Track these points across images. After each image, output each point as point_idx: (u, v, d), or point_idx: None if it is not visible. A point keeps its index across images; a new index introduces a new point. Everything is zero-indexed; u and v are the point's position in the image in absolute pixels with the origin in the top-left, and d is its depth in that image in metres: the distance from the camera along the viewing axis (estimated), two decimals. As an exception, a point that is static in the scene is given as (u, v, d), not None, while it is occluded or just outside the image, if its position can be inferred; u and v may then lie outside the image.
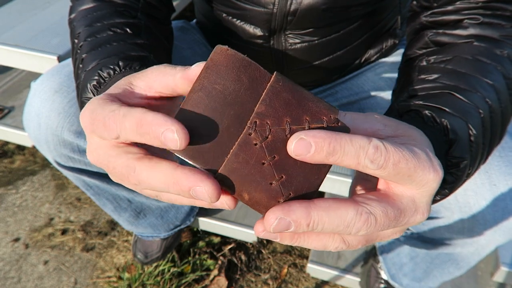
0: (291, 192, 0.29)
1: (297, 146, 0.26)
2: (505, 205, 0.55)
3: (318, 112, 0.28)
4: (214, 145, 0.28)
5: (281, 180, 0.28)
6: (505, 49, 0.45)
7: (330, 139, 0.26)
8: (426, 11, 0.52)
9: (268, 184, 0.28)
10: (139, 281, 1.14)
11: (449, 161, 0.39)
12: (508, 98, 0.44)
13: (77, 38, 0.52)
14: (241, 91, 0.28)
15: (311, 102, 0.28)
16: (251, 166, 0.28)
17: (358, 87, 0.76)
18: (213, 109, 0.28)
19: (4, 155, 1.51)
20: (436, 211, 0.60)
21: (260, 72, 0.29)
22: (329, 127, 0.28)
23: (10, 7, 1.19)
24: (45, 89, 0.67)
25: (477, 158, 0.41)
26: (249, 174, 0.28)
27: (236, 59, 0.29)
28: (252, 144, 0.28)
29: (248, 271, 1.19)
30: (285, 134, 0.28)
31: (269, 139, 0.28)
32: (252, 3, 0.63)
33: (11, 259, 1.20)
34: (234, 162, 0.28)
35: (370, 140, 0.27)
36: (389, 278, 0.95)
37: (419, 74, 0.47)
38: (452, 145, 0.38)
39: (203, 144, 0.28)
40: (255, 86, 0.29)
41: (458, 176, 0.39)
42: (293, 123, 0.28)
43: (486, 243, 0.61)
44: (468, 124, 0.39)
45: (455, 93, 0.42)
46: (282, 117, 0.28)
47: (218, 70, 0.28)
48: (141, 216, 0.98)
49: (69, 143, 0.68)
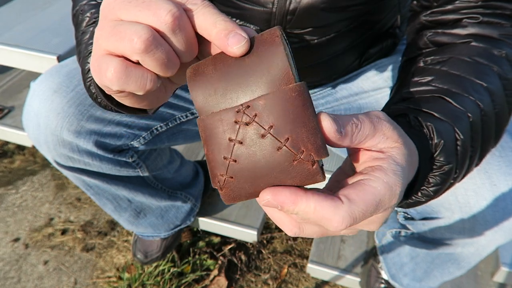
0: (233, 177, 0.30)
1: (265, 204, 0.30)
2: (505, 205, 0.55)
3: (302, 141, 0.29)
4: (214, 98, 0.31)
5: (233, 162, 0.30)
6: (503, 49, 0.45)
7: (294, 206, 0.29)
8: (426, 11, 0.52)
9: (222, 156, 0.30)
10: (139, 281, 1.14)
11: (434, 165, 0.39)
12: (505, 99, 0.44)
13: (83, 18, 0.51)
14: (262, 77, 0.30)
15: (305, 129, 0.29)
16: (221, 132, 0.30)
17: (358, 87, 0.76)
18: (234, 72, 0.30)
19: (4, 155, 1.51)
20: (436, 211, 0.60)
21: (287, 73, 0.29)
22: (301, 161, 0.29)
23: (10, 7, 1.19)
24: (44, 89, 0.67)
25: (465, 162, 0.42)
26: (216, 137, 0.30)
27: (277, 50, 0.30)
28: (233, 119, 0.30)
29: (248, 271, 1.19)
30: (261, 133, 0.29)
31: (247, 127, 0.30)
32: (252, 2, 0.62)
33: (11, 259, 1.20)
34: (212, 119, 0.30)
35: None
36: (389, 278, 0.95)
37: (414, 76, 0.47)
38: (437, 149, 0.39)
39: (208, 92, 0.31)
40: (275, 81, 0.29)
41: (443, 179, 0.40)
42: (274, 132, 0.29)
43: (487, 243, 0.61)
44: (455, 129, 0.40)
45: (446, 97, 0.42)
46: (270, 120, 0.29)
47: (259, 46, 0.30)
48: (141, 216, 0.98)
49: (68, 143, 0.68)
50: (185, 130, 0.85)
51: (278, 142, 0.29)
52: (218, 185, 0.31)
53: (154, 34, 0.30)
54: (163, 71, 0.32)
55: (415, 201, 0.42)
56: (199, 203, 1.12)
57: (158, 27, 0.30)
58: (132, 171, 0.82)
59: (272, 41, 0.30)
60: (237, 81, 0.30)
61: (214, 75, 0.31)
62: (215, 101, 0.31)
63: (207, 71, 0.31)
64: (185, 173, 1.06)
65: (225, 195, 0.31)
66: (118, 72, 0.30)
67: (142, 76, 0.31)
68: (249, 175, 0.30)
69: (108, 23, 0.31)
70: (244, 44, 0.30)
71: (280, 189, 0.29)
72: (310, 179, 0.29)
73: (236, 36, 0.30)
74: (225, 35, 0.30)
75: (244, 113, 0.29)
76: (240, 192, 0.31)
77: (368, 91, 0.75)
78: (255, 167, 0.30)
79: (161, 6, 0.29)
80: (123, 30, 0.30)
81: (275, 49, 0.30)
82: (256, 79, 0.30)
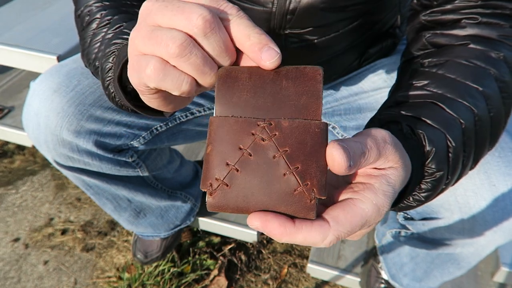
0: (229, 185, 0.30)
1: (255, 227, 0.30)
2: (504, 205, 0.55)
3: (310, 175, 0.29)
4: (236, 104, 0.31)
5: (235, 171, 0.30)
6: (501, 51, 0.45)
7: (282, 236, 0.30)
8: (426, 10, 0.52)
9: (225, 162, 0.30)
10: (139, 281, 1.14)
11: (426, 172, 0.40)
12: (501, 101, 0.44)
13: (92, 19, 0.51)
14: (292, 102, 0.31)
15: (315, 165, 0.30)
16: (233, 138, 0.30)
17: (358, 87, 0.76)
18: (265, 89, 0.31)
19: (4, 155, 1.51)
20: (436, 212, 0.60)
21: (317, 109, 0.31)
22: (302, 193, 0.29)
23: (10, 7, 1.19)
24: (44, 89, 0.67)
25: (457, 168, 0.42)
26: (226, 140, 0.30)
27: (315, 84, 0.31)
28: (251, 131, 0.30)
29: (248, 271, 1.19)
30: (274, 154, 0.30)
31: (262, 143, 0.30)
32: (251, 2, 0.62)
33: (11, 259, 1.20)
34: (229, 123, 0.31)
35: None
36: (389, 278, 0.95)
37: (410, 79, 0.47)
38: (429, 157, 0.40)
39: (233, 96, 0.31)
40: (303, 111, 0.31)
41: (434, 186, 0.41)
42: (287, 156, 0.30)
43: (486, 243, 0.61)
44: (447, 136, 0.41)
45: (439, 103, 0.43)
46: (287, 144, 0.30)
47: (298, 75, 0.31)
48: (141, 215, 0.98)
49: (68, 143, 0.68)
50: (185, 130, 0.85)
51: (287, 168, 0.29)
52: (209, 188, 0.30)
53: (188, 39, 0.31)
54: (199, 75, 0.33)
55: (406, 205, 0.43)
56: (199, 203, 1.12)
57: (190, 31, 0.31)
58: (132, 171, 0.82)
59: (314, 76, 0.31)
60: (268, 97, 0.31)
61: (247, 83, 0.31)
62: (238, 107, 0.31)
63: (240, 78, 0.32)
64: (185, 173, 1.06)
65: (212, 202, 0.30)
66: (158, 69, 0.31)
67: (179, 77, 0.32)
68: (246, 189, 0.30)
69: (146, 27, 0.32)
70: (277, 59, 0.31)
71: (270, 217, 0.30)
72: (303, 212, 0.30)
73: (269, 51, 0.31)
74: (259, 48, 0.31)
75: (265, 128, 0.30)
76: (229, 202, 0.30)
77: (368, 91, 0.75)
78: (255, 184, 0.30)
79: (194, 11, 0.30)
80: (159, 35, 0.31)
81: (315, 84, 0.31)
82: (286, 103, 0.31)
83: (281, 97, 0.31)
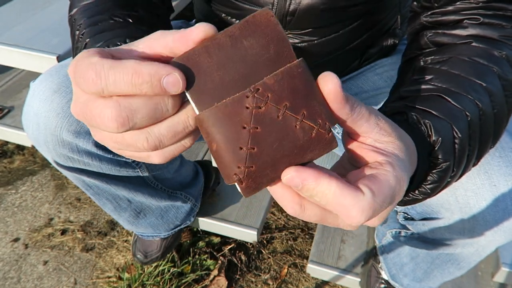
0: (253, 165, 0.29)
1: (287, 181, 0.29)
2: (505, 205, 0.55)
3: (317, 113, 0.29)
4: (214, 89, 0.29)
5: (251, 150, 0.29)
6: (503, 50, 0.45)
7: (315, 185, 0.28)
8: (426, 11, 0.52)
9: (238, 147, 0.29)
10: (139, 281, 1.13)
11: (432, 162, 0.40)
12: (504, 99, 0.44)
13: (78, 29, 0.52)
14: (263, 57, 0.29)
15: (316, 102, 0.29)
16: (232, 123, 0.29)
17: (358, 87, 0.76)
18: (231, 58, 0.29)
19: (4, 155, 1.51)
20: (436, 212, 0.60)
21: (289, 51, 0.29)
22: (319, 132, 0.29)
23: (10, 7, 1.19)
24: (43, 89, 0.67)
25: (462, 160, 0.42)
26: (227, 128, 0.29)
27: (275, 29, 0.29)
28: (244, 105, 0.29)
29: (248, 271, 1.19)
30: (278, 114, 0.29)
31: (261, 110, 0.29)
32: (251, 3, 0.62)
33: (10, 259, 1.20)
34: (219, 111, 0.28)
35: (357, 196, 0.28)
36: (389, 278, 0.95)
37: (414, 75, 0.47)
38: (435, 147, 0.39)
39: (206, 83, 0.29)
40: (277, 60, 0.29)
41: (440, 177, 0.40)
42: (290, 109, 0.29)
43: (487, 243, 0.61)
44: (453, 127, 0.40)
45: (445, 96, 0.42)
46: (283, 99, 0.29)
47: (254, 28, 0.29)
48: (141, 216, 0.98)
49: (68, 143, 0.68)
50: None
51: (295, 119, 0.29)
52: (236, 178, 0.29)
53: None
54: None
55: (412, 198, 0.42)
56: (199, 203, 1.12)
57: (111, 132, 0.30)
58: (131, 171, 0.82)
59: (268, 21, 0.29)
60: (239, 65, 0.29)
61: (210, 63, 0.29)
62: (217, 90, 0.29)
63: (200, 61, 0.29)
64: (185, 173, 1.05)
65: (246, 188, 0.29)
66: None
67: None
68: (270, 160, 0.29)
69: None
70: (179, 84, 0.28)
71: (303, 167, 0.29)
72: (328, 147, 0.30)
73: (169, 80, 0.28)
74: (187, 31, 0.29)
75: (255, 96, 0.29)
76: (262, 180, 0.29)
77: (368, 91, 0.75)
78: (275, 149, 0.29)
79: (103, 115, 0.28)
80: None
81: (274, 28, 0.29)
82: (259, 61, 0.29)
83: (251, 59, 0.29)
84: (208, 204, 1.20)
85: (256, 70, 0.29)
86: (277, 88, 0.29)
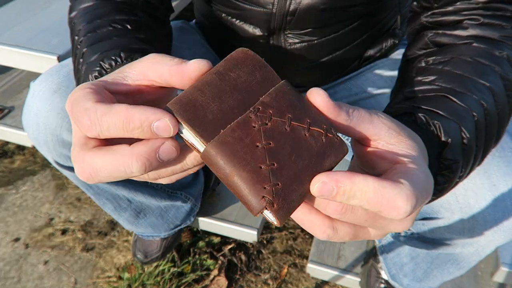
0: (279, 183, 0.28)
1: (319, 189, 0.27)
2: (505, 205, 0.55)
3: (319, 120, 0.30)
4: (215, 119, 0.29)
5: (272, 167, 0.28)
6: (504, 50, 0.45)
7: (352, 184, 0.27)
8: (426, 12, 0.52)
9: (258, 167, 0.28)
10: (139, 281, 1.14)
11: (442, 163, 0.39)
12: (506, 99, 0.44)
13: (77, 34, 0.52)
14: (252, 83, 0.31)
15: (314, 111, 0.30)
16: (244, 144, 0.28)
17: (358, 87, 0.76)
18: (223, 90, 0.30)
19: (4, 155, 1.51)
20: (436, 212, 0.60)
21: (272, 75, 0.31)
22: (328, 136, 0.30)
23: (10, 7, 1.19)
24: (44, 89, 0.67)
25: (470, 161, 0.42)
26: (240, 151, 0.28)
27: (254, 58, 0.32)
28: (251, 125, 0.29)
29: (248, 271, 1.19)
30: (284, 126, 0.29)
31: (268, 126, 0.29)
32: (252, 3, 0.63)
33: (11, 259, 1.20)
34: (228, 136, 0.28)
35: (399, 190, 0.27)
36: (389, 278, 0.95)
37: (416, 75, 0.47)
38: (445, 147, 0.39)
39: (206, 115, 0.29)
40: (265, 83, 0.31)
41: (450, 178, 0.40)
42: (294, 120, 0.30)
43: (486, 243, 0.61)
44: (461, 127, 0.40)
45: (450, 96, 0.42)
46: (285, 112, 0.30)
47: (235, 62, 0.31)
48: (141, 215, 0.98)
49: (68, 143, 0.68)
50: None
51: (302, 127, 0.30)
52: (267, 200, 0.28)
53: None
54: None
55: None
56: (199, 203, 1.12)
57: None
58: (131, 171, 0.82)
59: (246, 54, 0.31)
60: (233, 93, 0.30)
61: (205, 97, 0.29)
62: (219, 120, 0.29)
63: (195, 98, 0.29)
64: (185, 173, 1.05)
65: (278, 210, 0.28)
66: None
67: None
68: (293, 173, 0.28)
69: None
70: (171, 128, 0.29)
71: (331, 171, 0.28)
72: (341, 151, 0.30)
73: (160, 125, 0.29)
74: (181, 64, 0.31)
75: (258, 115, 0.29)
76: (292, 197, 0.28)
77: (367, 91, 0.75)
78: (294, 161, 0.29)
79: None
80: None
81: (253, 58, 0.31)
82: (250, 86, 0.31)
83: (242, 86, 0.30)
84: (208, 204, 1.20)
85: (250, 94, 0.30)
86: (275, 104, 0.30)
